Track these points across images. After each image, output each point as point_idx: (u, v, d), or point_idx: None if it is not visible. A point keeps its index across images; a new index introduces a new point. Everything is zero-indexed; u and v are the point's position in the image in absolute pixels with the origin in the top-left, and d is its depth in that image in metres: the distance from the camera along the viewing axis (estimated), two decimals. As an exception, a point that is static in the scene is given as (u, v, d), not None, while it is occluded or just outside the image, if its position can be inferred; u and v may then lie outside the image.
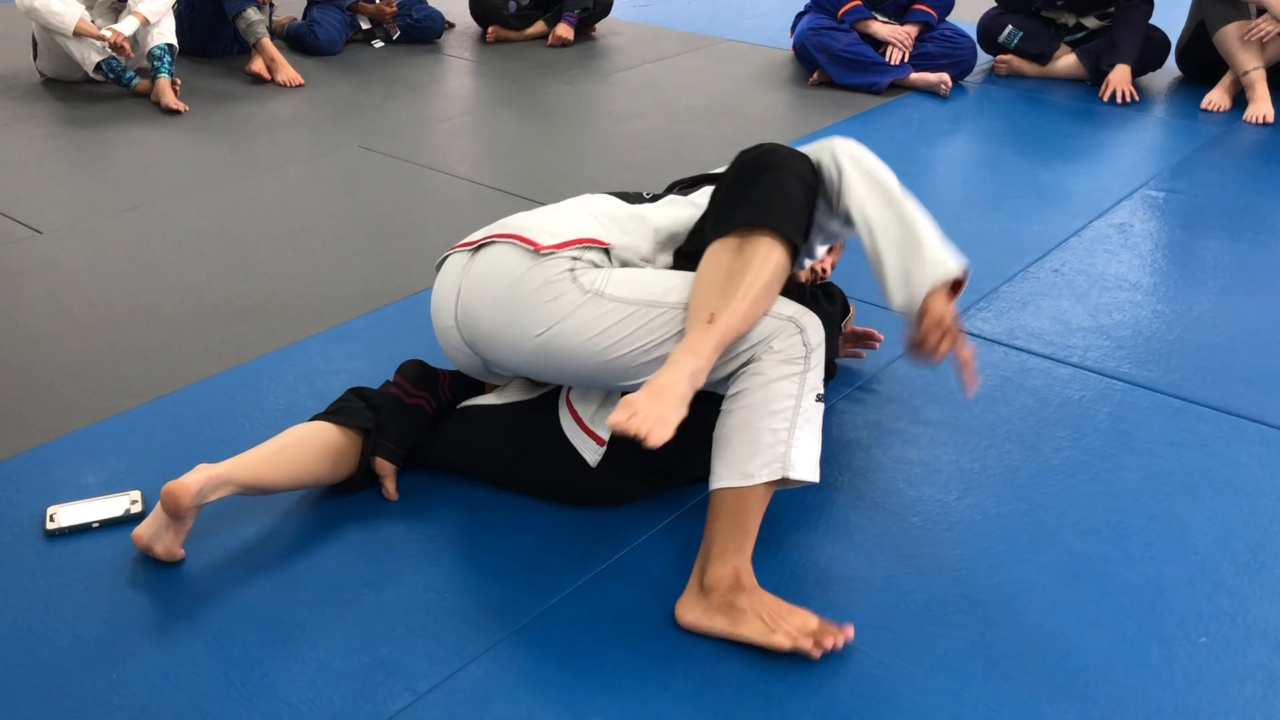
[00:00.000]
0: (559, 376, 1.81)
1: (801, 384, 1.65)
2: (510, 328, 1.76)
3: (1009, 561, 1.81)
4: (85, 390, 2.27)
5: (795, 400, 1.64)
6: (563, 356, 1.73)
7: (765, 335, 1.66)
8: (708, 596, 1.65)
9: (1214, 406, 2.25)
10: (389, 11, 4.96)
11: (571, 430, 1.86)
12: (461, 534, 1.86)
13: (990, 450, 2.10)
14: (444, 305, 1.86)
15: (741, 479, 1.63)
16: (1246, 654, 1.63)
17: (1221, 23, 4.12)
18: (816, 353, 1.68)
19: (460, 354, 1.89)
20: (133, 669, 1.58)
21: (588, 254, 1.77)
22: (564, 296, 1.72)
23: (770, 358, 1.65)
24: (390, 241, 3.02)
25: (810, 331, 1.68)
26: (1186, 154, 3.73)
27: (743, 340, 1.66)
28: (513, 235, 1.80)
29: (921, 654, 1.62)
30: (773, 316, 1.68)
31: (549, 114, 4.14)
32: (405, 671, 1.58)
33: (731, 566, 1.64)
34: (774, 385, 1.64)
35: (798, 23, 4.65)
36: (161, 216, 3.15)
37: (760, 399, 1.64)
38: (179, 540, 1.75)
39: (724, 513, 1.65)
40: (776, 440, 1.62)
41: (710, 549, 1.66)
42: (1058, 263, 2.91)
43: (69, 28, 4.02)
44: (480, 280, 1.80)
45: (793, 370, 1.65)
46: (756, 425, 1.63)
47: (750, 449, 1.63)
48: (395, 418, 1.92)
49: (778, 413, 1.63)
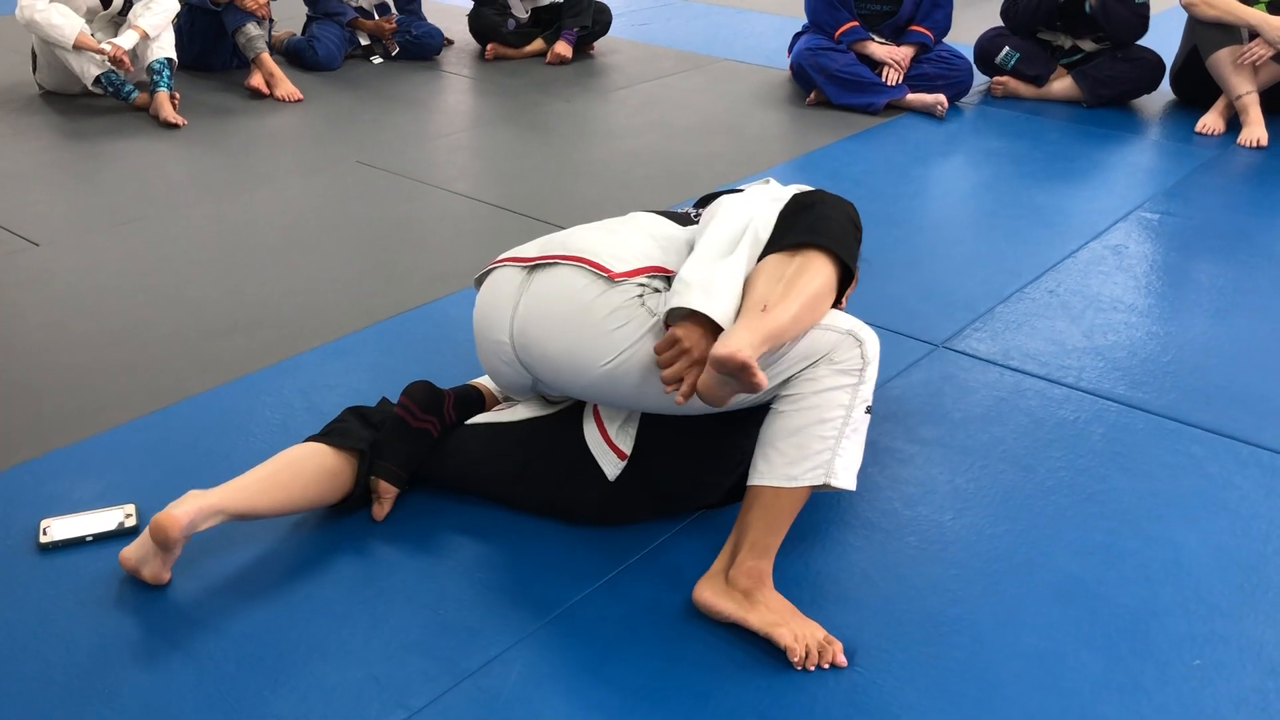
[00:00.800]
0: (622, 402, 1.81)
1: (854, 395, 1.68)
2: (576, 354, 1.75)
3: (1004, 582, 1.81)
4: (80, 404, 2.27)
5: (846, 410, 1.68)
6: (629, 384, 1.74)
7: (826, 349, 1.68)
8: (730, 584, 1.69)
9: (1208, 429, 2.26)
10: (388, 28, 4.98)
11: (595, 442, 1.86)
12: (454, 552, 1.86)
13: (985, 470, 2.11)
14: (498, 319, 1.83)
15: (785, 480, 1.67)
16: (1241, 677, 1.63)
17: (1214, 47, 4.15)
18: (872, 365, 1.70)
19: (507, 369, 1.86)
20: (125, 682, 1.57)
21: (655, 281, 1.78)
22: (632, 322, 1.72)
23: (828, 366, 1.68)
24: (387, 257, 3.02)
25: (869, 345, 1.70)
26: (1181, 177, 3.75)
27: (804, 356, 1.68)
28: (581, 259, 1.78)
29: (917, 675, 1.62)
30: (832, 330, 1.70)
31: (547, 131, 4.16)
32: (398, 688, 1.57)
33: (758, 564, 1.68)
34: (828, 394, 1.67)
35: (795, 43, 4.67)
36: (159, 230, 3.16)
37: (813, 404, 1.67)
38: (167, 566, 1.74)
39: (760, 509, 1.69)
40: (824, 447, 1.66)
41: (741, 541, 1.70)
42: (1053, 284, 2.92)
43: (69, 41, 4.03)
44: (544, 301, 1.78)
45: (848, 381, 1.68)
46: (808, 430, 1.66)
47: (798, 453, 1.66)
48: (400, 440, 1.91)
49: (829, 420, 1.67)
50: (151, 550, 1.72)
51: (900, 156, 3.92)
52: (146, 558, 1.73)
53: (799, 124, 4.26)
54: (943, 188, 3.75)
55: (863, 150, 3.97)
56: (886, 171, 3.77)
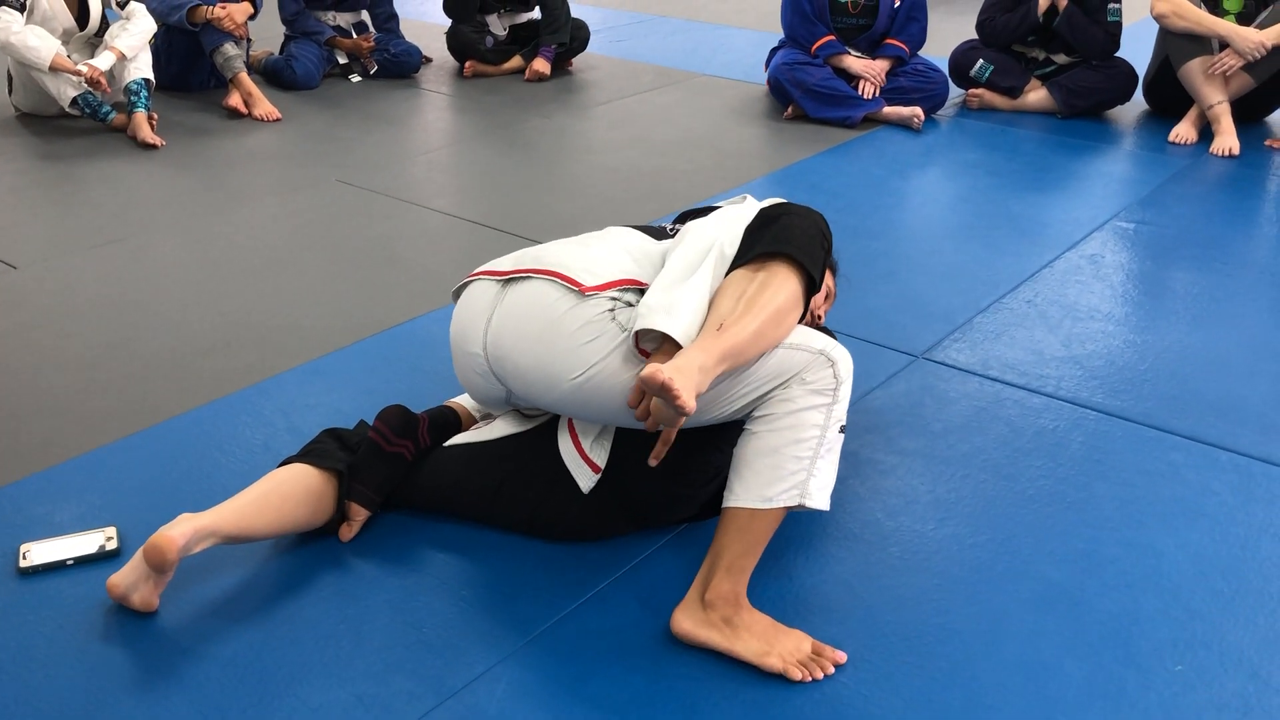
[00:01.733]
0: (592, 416, 1.81)
1: (828, 415, 1.69)
2: (547, 367, 1.75)
3: (986, 591, 1.82)
4: (59, 426, 2.25)
5: (821, 430, 1.68)
6: (600, 398, 1.73)
7: (798, 369, 1.69)
8: (707, 610, 1.67)
9: (1186, 435, 2.28)
10: (366, 46, 4.99)
11: (569, 455, 1.86)
12: (438, 570, 1.86)
13: (966, 480, 2.12)
14: (471, 332, 1.83)
15: (760, 502, 1.66)
16: (1222, 681, 1.64)
17: (1186, 58, 4.19)
18: (845, 385, 1.71)
19: (481, 380, 1.86)
20: (110, 708, 1.56)
21: (626, 294, 1.77)
22: (603, 337, 1.71)
23: (801, 387, 1.68)
24: (368, 275, 3.02)
25: (841, 364, 1.71)
26: (1155, 186, 3.79)
27: (775, 375, 1.69)
28: (553, 273, 1.78)
29: (901, 684, 1.62)
30: (804, 350, 1.70)
31: (526, 148, 4.17)
32: (384, 708, 1.57)
33: (734, 585, 1.67)
34: (802, 414, 1.67)
35: (772, 58, 4.70)
36: (137, 251, 3.15)
37: (787, 425, 1.67)
38: (157, 592, 1.72)
39: (735, 530, 1.68)
40: (800, 468, 1.66)
41: (717, 563, 1.68)
42: (1031, 294, 2.94)
43: (45, 63, 4.02)
44: (516, 315, 1.78)
45: (822, 401, 1.68)
46: (782, 452, 1.66)
47: (772, 474, 1.66)
48: (373, 464, 1.90)
49: (803, 441, 1.66)
50: (143, 575, 1.70)
51: (878, 169, 3.95)
52: (137, 583, 1.71)
53: (777, 138, 4.28)
54: (920, 200, 3.78)
55: (840, 163, 3.99)
56: (864, 184, 3.79)
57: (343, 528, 1.90)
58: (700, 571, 1.71)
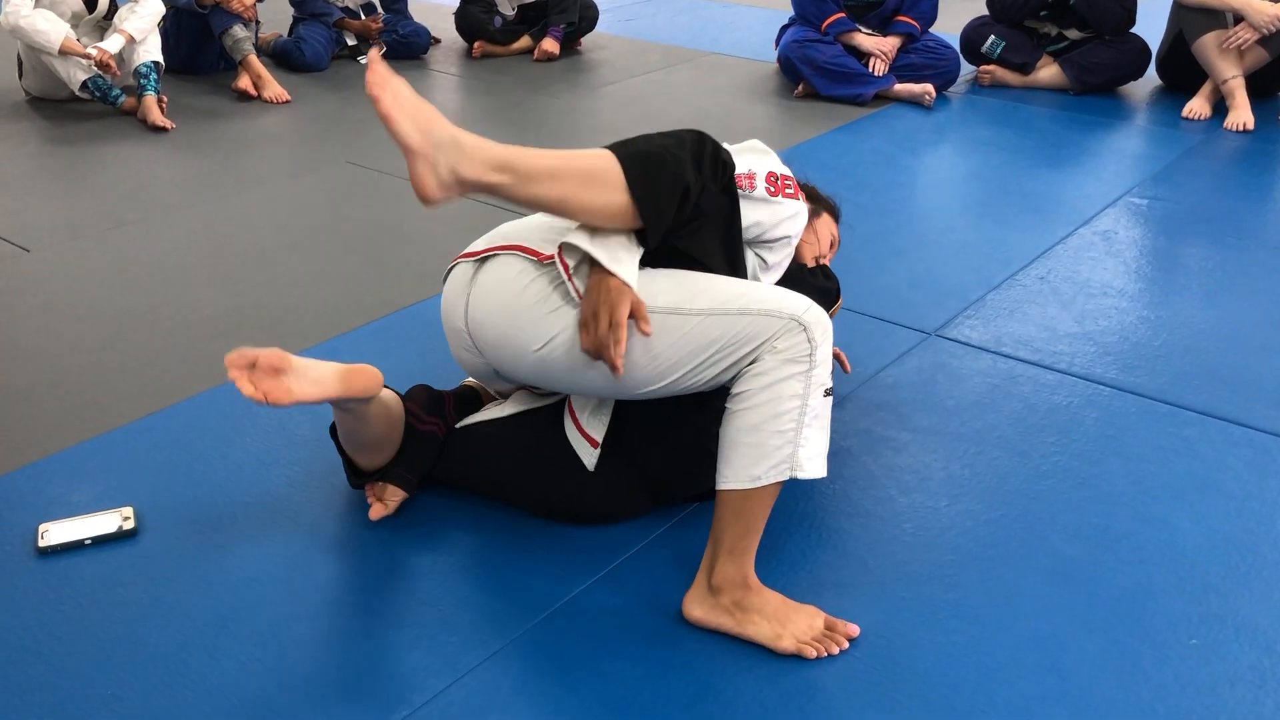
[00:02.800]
0: (561, 387, 1.82)
1: (807, 382, 1.63)
2: (514, 339, 1.76)
3: (1000, 567, 1.82)
4: (75, 408, 2.27)
5: (801, 400, 1.63)
6: (565, 366, 1.73)
7: (769, 334, 1.64)
8: (716, 595, 1.67)
9: (1200, 411, 2.27)
10: (375, 27, 4.97)
11: (571, 432, 1.87)
12: (452, 549, 1.87)
13: (980, 457, 2.12)
14: (454, 312, 1.87)
15: (749, 482, 1.63)
16: (1237, 656, 1.64)
17: (1200, 32, 4.16)
18: (822, 348, 1.65)
19: (469, 355, 1.88)
20: (128, 685, 1.58)
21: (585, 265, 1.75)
22: (563, 308, 1.71)
23: (774, 357, 1.64)
24: (378, 256, 3.02)
25: (814, 328, 1.65)
26: (1169, 161, 3.77)
27: (746, 340, 1.64)
28: (517, 246, 1.80)
29: (915, 660, 1.63)
30: (775, 316, 1.64)
31: (535, 128, 4.16)
32: (401, 684, 1.58)
33: (739, 565, 1.66)
34: (779, 385, 1.63)
35: (782, 35, 4.68)
36: (148, 233, 3.15)
37: (766, 399, 1.63)
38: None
39: (730, 513, 1.66)
40: (784, 442, 1.62)
41: (719, 548, 1.67)
42: (1044, 270, 2.93)
43: (54, 46, 4.02)
44: (488, 292, 1.80)
45: (798, 369, 1.63)
46: (763, 429, 1.62)
47: (757, 452, 1.62)
48: (408, 444, 1.90)
49: (784, 414, 1.62)
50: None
51: (889, 146, 3.93)
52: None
53: (787, 116, 4.26)
54: (932, 177, 3.76)
55: (852, 141, 3.97)
56: (876, 162, 3.78)
57: (375, 507, 1.90)
58: (704, 556, 1.70)
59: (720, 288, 1.68)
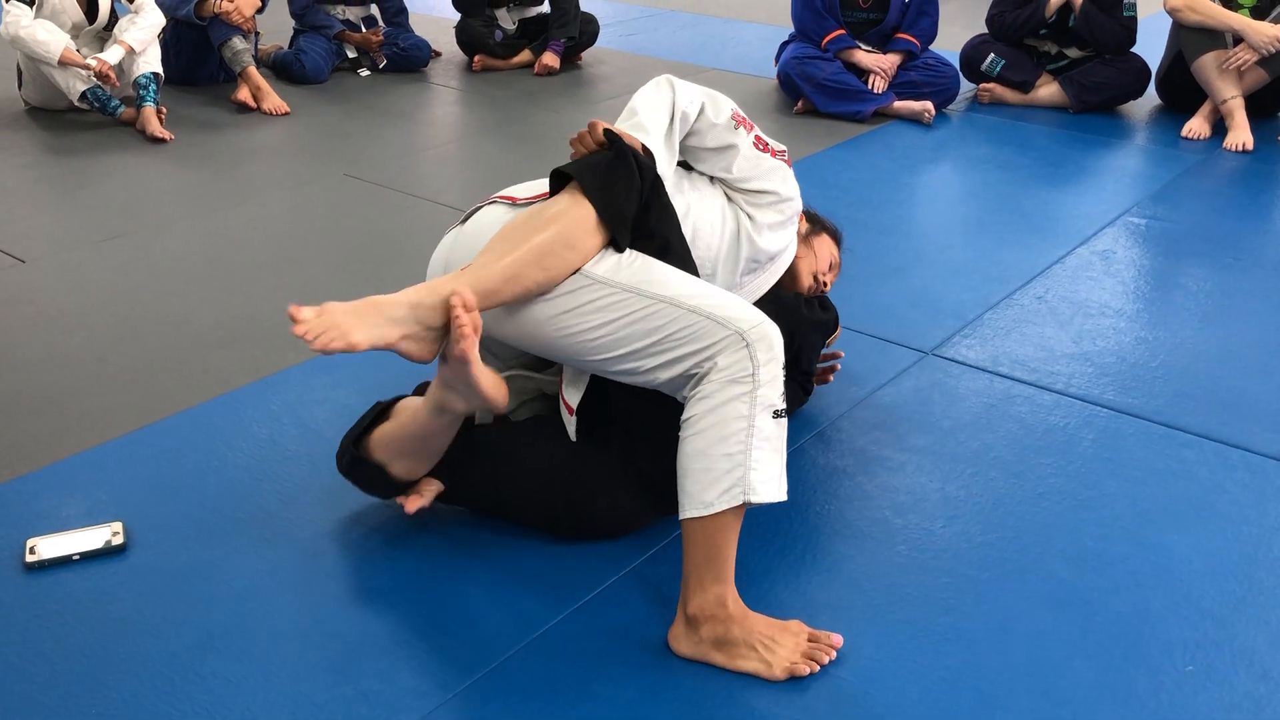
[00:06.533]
0: (524, 342, 1.78)
1: (752, 403, 1.61)
2: None
3: (995, 590, 1.81)
4: (67, 420, 2.25)
5: (747, 421, 1.60)
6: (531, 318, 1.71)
7: (709, 343, 1.63)
8: (697, 628, 1.64)
9: (1198, 433, 2.26)
10: (375, 40, 4.98)
11: (562, 411, 1.88)
12: (445, 568, 1.85)
13: (976, 478, 2.10)
14: (437, 268, 1.95)
15: (703, 509, 1.60)
16: (1233, 682, 1.63)
17: (1199, 52, 4.17)
18: (766, 368, 1.62)
19: None
20: (114, 703, 1.56)
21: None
22: None
23: (717, 377, 1.62)
24: (375, 269, 3.01)
25: (758, 346, 1.62)
26: (1167, 181, 3.76)
27: (690, 339, 1.64)
28: (497, 197, 1.93)
29: (908, 684, 1.61)
30: (723, 325, 1.63)
31: (535, 142, 4.16)
32: (388, 705, 1.56)
33: (714, 594, 1.63)
34: (724, 408, 1.61)
35: (782, 52, 4.68)
36: (145, 245, 3.15)
37: (711, 423, 1.61)
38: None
39: (695, 542, 1.64)
40: (733, 465, 1.59)
41: (689, 579, 1.65)
42: (1041, 290, 2.92)
43: (54, 57, 4.02)
44: (468, 243, 1.87)
45: (741, 390, 1.61)
46: (710, 453, 1.60)
47: (707, 477, 1.60)
48: None
49: (730, 436, 1.60)
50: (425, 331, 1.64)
51: (888, 164, 3.93)
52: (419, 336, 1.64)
53: (787, 132, 4.26)
54: (930, 194, 3.76)
55: (850, 158, 3.97)
56: (874, 179, 3.78)
57: (412, 499, 1.85)
58: (681, 591, 1.67)
59: (683, 285, 1.69)
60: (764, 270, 2.05)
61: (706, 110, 1.94)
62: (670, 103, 1.91)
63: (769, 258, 2.04)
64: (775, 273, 2.08)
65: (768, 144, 2.02)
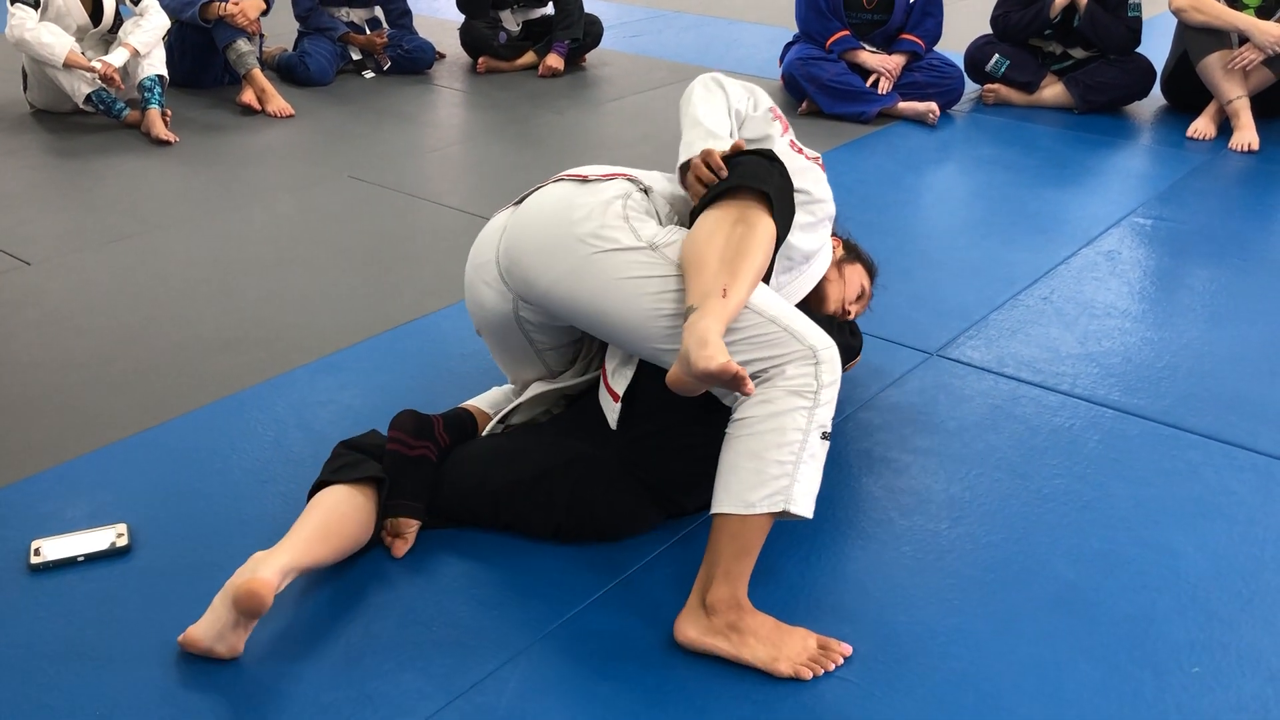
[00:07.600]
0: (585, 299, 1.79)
1: (810, 418, 1.64)
2: (560, 238, 1.81)
3: (1000, 591, 1.80)
4: (72, 422, 2.26)
5: (803, 434, 1.63)
6: (597, 275, 1.76)
7: (782, 354, 1.66)
8: (710, 617, 1.65)
9: (1204, 434, 2.25)
10: (380, 42, 4.98)
11: (603, 397, 1.89)
12: (446, 569, 1.85)
13: (981, 479, 2.10)
14: (486, 244, 1.96)
15: (743, 508, 1.63)
16: (1240, 684, 1.62)
17: (1205, 52, 4.15)
18: (828, 390, 1.66)
19: (490, 291, 1.94)
20: (117, 704, 1.56)
21: (634, 189, 1.86)
22: (607, 221, 1.78)
23: (782, 384, 1.65)
24: (380, 271, 3.01)
25: (825, 368, 1.67)
26: (1173, 181, 3.76)
27: (765, 345, 1.67)
28: (561, 177, 1.94)
29: (914, 685, 1.61)
30: (798, 339, 1.67)
31: (540, 144, 4.16)
32: (393, 706, 1.56)
33: (734, 589, 1.65)
34: (783, 417, 1.63)
35: (786, 53, 4.68)
36: (150, 247, 3.15)
37: (770, 428, 1.63)
38: (244, 637, 1.63)
39: (726, 536, 1.66)
40: (782, 473, 1.62)
41: (713, 570, 1.66)
42: (1047, 290, 2.92)
43: (59, 59, 4.03)
44: (529, 216, 1.89)
45: (803, 404, 1.64)
46: (765, 456, 1.63)
47: (755, 479, 1.63)
48: (403, 472, 1.87)
49: (785, 445, 1.63)
50: (231, 623, 1.60)
51: (893, 165, 3.93)
52: (223, 633, 1.61)
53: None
54: (935, 195, 3.75)
55: (855, 159, 3.97)
56: (879, 180, 3.77)
57: (396, 543, 1.86)
58: (698, 578, 1.69)
59: (768, 295, 1.73)
60: (798, 270, 2.05)
61: (748, 102, 2.03)
62: (726, 105, 1.95)
63: (804, 257, 2.05)
64: (811, 277, 2.08)
65: (801, 149, 2.09)
